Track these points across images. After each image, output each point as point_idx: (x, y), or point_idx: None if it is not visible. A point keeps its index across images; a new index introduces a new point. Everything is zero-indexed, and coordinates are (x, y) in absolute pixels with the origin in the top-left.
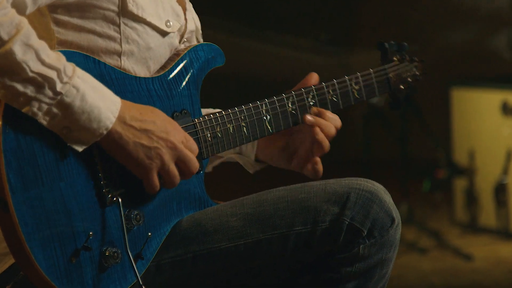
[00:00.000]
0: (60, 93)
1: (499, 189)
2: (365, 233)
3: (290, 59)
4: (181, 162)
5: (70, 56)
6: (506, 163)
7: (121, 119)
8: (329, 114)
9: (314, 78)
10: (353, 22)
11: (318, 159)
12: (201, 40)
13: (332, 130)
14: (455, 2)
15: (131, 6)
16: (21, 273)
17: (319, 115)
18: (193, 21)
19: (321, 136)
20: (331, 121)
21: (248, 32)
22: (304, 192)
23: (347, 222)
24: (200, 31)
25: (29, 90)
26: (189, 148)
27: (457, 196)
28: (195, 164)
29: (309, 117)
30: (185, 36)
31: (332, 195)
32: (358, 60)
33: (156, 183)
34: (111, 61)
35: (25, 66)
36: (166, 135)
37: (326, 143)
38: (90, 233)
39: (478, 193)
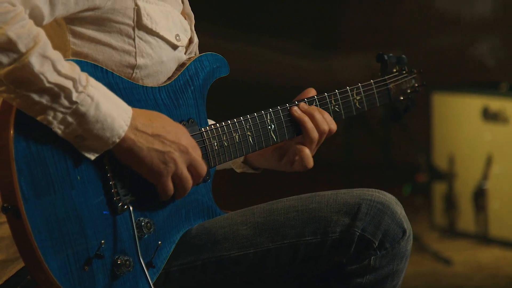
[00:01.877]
0: (75, 102)
1: (478, 194)
2: (376, 245)
3: (274, 62)
4: (191, 166)
5: (80, 66)
6: (486, 168)
7: (133, 126)
8: (324, 113)
9: (311, 93)
10: (336, 27)
11: (305, 148)
12: (197, 51)
13: (324, 125)
14: (438, 9)
15: (146, 20)
16: (28, 278)
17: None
18: (195, 34)
19: (310, 125)
20: (325, 117)
21: (233, 34)
22: (314, 202)
23: (358, 233)
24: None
25: (45, 100)
26: (198, 154)
27: (436, 201)
28: (204, 168)
29: (296, 108)
30: (189, 49)
31: (343, 206)
32: (341, 64)
33: (170, 187)
34: (122, 74)
35: (42, 77)
36: (178, 139)
37: (315, 133)
38: (102, 241)
39: (457, 198)
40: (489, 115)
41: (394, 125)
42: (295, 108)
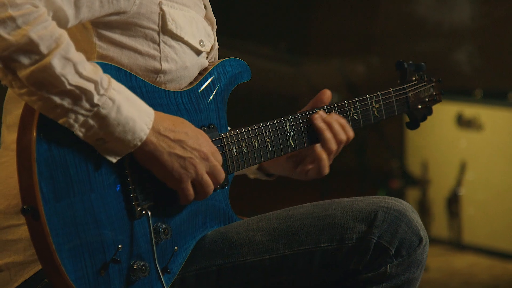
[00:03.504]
0: (97, 105)
1: (452, 201)
2: (393, 252)
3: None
4: (211, 173)
5: (103, 68)
6: (460, 174)
7: (155, 130)
8: (342, 122)
9: (327, 94)
10: (311, 32)
11: (324, 155)
12: (217, 57)
13: (342, 135)
14: (415, 15)
15: (171, 25)
16: (45, 281)
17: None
18: (216, 39)
19: (328, 135)
20: (343, 126)
21: None
22: (331, 209)
23: (374, 241)
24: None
25: (66, 102)
26: (217, 160)
27: None
28: (222, 175)
29: (317, 116)
30: (210, 54)
31: (359, 213)
32: (315, 69)
33: (191, 192)
34: (147, 78)
35: (63, 79)
36: (199, 146)
37: (333, 144)
38: (119, 245)
39: (431, 204)
40: (463, 122)
41: (369, 131)
42: (316, 116)
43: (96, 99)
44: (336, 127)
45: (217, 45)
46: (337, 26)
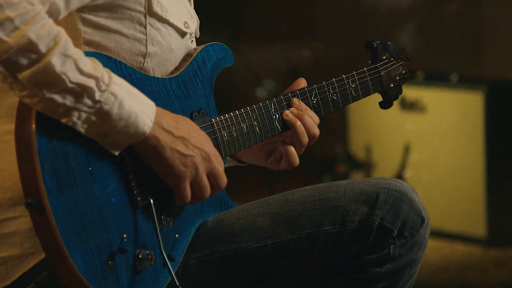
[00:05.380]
0: (99, 101)
1: None
2: (396, 233)
3: None
4: (212, 175)
5: (94, 58)
6: (404, 157)
7: (159, 124)
8: (314, 117)
9: (302, 83)
10: (252, 18)
11: (291, 147)
12: (198, 32)
13: (315, 129)
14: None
15: (156, 7)
16: (44, 273)
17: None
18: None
19: (301, 129)
20: (315, 121)
21: None
22: (332, 191)
23: (377, 222)
24: None
25: (68, 101)
26: (219, 163)
27: None
28: (224, 180)
29: (288, 112)
30: (193, 36)
31: (361, 195)
32: (260, 56)
33: (188, 193)
34: (134, 63)
35: (64, 77)
36: (201, 146)
37: (306, 137)
38: (124, 235)
39: None
40: (406, 104)
41: None
42: (287, 112)
43: (97, 95)
44: (308, 121)
45: (198, 20)
46: (276, 11)
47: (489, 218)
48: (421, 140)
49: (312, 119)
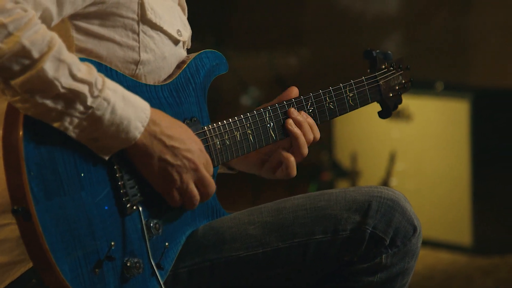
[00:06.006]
0: (91, 107)
1: None
2: (388, 242)
3: None
4: (200, 184)
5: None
6: (390, 165)
7: (151, 132)
8: (311, 124)
9: (294, 92)
10: (239, 25)
11: (291, 157)
12: (190, 43)
13: (310, 136)
14: (342, 6)
15: (150, 14)
16: (33, 281)
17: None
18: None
19: (302, 140)
20: (311, 127)
21: None
22: (323, 200)
23: (369, 231)
24: None
25: (60, 106)
26: (209, 171)
27: None
28: (213, 188)
29: (291, 121)
30: (186, 45)
31: (353, 203)
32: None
33: (177, 199)
34: (126, 70)
35: (57, 83)
36: (191, 155)
37: (306, 148)
38: (112, 243)
39: None
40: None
41: None
42: (290, 121)
43: (90, 101)
44: (306, 129)
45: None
46: (262, 18)
47: (474, 226)
48: (407, 148)
49: (310, 126)
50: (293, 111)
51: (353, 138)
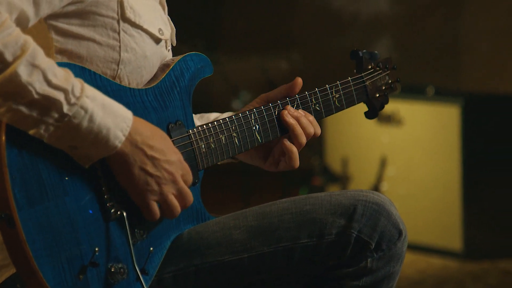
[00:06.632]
0: (67, 115)
1: None
2: (373, 246)
3: None
4: (178, 195)
5: (67, 68)
6: (381, 170)
7: (132, 141)
8: (309, 117)
9: (299, 82)
10: (230, 29)
11: (294, 148)
12: (174, 40)
13: (310, 129)
14: (334, 9)
15: (129, 13)
16: (18, 286)
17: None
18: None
19: (299, 131)
20: (311, 121)
21: None
22: (309, 204)
23: (354, 235)
24: None
25: (35, 113)
26: (186, 181)
27: None
28: (190, 199)
29: (286, 112)
30: (169, 44)
31: (338, 207)
32: (235, 67)
33: (153, 210)
34: (108, 70)
35: (30, 88)
36: (170, 167)
37: (304, 138)
38: (96, 249)
39: None
40: (382, 117)
41: None
42: (285, 112)
43: (66, 109)
44: (304, 121)
45: (173, 28)
46: (253, 23)
47: (465, 231)
48: (398, 153)
49: (308, 119)
50: (290, 107)
51: (344, 143)
